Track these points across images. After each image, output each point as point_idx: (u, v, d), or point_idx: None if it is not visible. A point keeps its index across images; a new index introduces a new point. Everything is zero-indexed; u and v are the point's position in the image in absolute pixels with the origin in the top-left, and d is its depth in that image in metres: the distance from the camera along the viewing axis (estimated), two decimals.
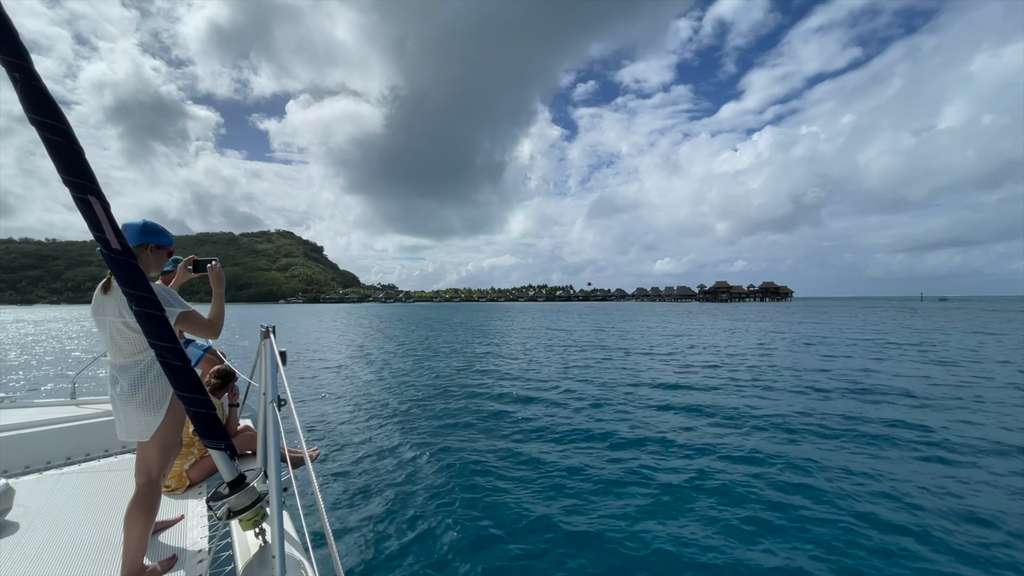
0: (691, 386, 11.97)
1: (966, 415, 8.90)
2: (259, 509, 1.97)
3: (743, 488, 5.62)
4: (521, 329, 36.01)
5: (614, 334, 29.46)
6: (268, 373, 2.15)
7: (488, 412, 9.53)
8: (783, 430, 7.97)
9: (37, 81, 1.42)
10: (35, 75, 1.41)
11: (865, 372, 13.90)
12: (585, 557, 4.31)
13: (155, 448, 2.13)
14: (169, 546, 2.45)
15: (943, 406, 9.61)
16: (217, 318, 2.33)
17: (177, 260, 2.98)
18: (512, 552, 4.40)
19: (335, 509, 5.17)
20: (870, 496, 5.42)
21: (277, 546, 1.75)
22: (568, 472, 6.22)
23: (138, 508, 2.08)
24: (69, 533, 2.51)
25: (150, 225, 2.30)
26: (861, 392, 11.04)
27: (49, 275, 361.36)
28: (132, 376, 2.08)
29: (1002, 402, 9.93)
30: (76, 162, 1.50)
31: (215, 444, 1.89)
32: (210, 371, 3.69)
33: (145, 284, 1.72)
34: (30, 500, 2.84)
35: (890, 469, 6.22)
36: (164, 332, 1.76)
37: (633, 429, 8.14)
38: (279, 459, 1.95)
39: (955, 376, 13.15)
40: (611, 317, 39.45)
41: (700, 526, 4.79)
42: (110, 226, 1.59)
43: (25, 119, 1.43)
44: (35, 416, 3.79)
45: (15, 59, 1.36)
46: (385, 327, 39.69)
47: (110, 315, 2.07)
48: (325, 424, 8.77)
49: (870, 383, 12.09)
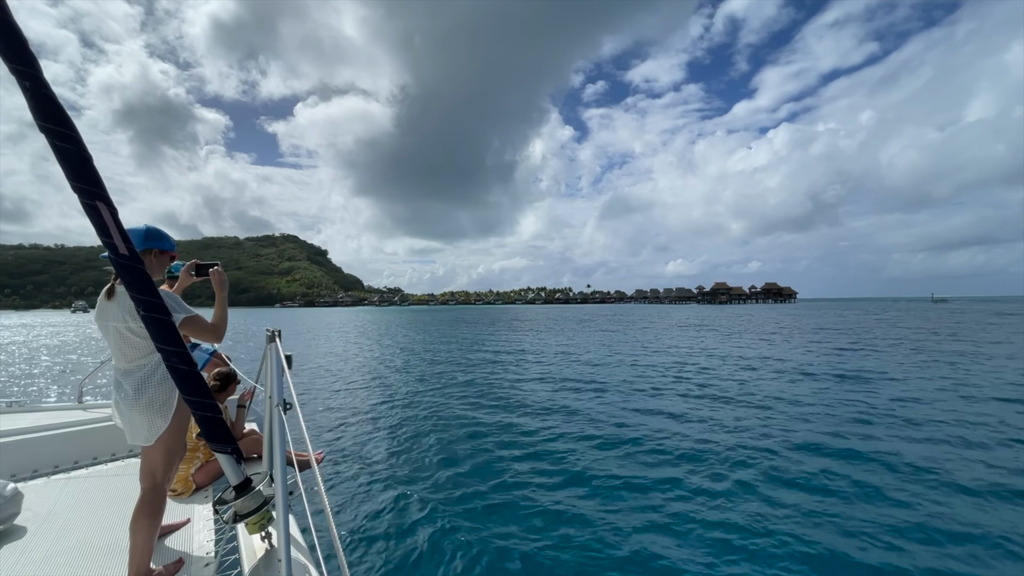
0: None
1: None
2: (265, 513, 1.97)
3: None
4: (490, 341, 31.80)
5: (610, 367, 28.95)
6: (274, 377, 2.16)
7: (499, 421, 9.51)
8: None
9: (46, 89, 1.43)
10: (44, 83, 1.43)
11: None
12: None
13: (160, 452, 2.14)
14: (175, 550, 2.46)
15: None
16: (220, 322, 2.34)
17: (179, 265, 3.00)
18: (522, 561, 4.32)
19: (341, 513, 5.17)
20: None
21: (283, 550, 1.75)
22: (588, 487, 5.89)
23: (143, 512, 2.09)
24: (76, 537, 2.52)
25: (153, 230, 2.31)
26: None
27: (54, 280, 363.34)
28: (136, 380, 2.10)
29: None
30: (84, 168, 1.51)
31: (221, 448, 1.89)
32: (211, 373, 3.71)
33: (152, 289, 1.73)
34: (38, 504, 2.86)
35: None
36: (171, 336, 1.76)
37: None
38: (285, 463, 1.96)
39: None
40: (604, 329, 38.89)
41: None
42: (118, 232, 1.60)
43: (36, 125, 1.45)
44: (43, 420, 3.81)
45: (25, 67, 1.37)
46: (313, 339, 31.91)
47: (114, 320, 2.08)
48: (331, 427, 8.78)
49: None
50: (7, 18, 1.33)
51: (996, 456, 6.67)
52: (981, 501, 5.28)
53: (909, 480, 5.88)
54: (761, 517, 4.97)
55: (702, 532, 4.71)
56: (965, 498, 5.36)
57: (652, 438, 7.64)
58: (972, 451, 6.90)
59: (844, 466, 6.36)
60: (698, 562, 4.23)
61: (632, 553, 4.38)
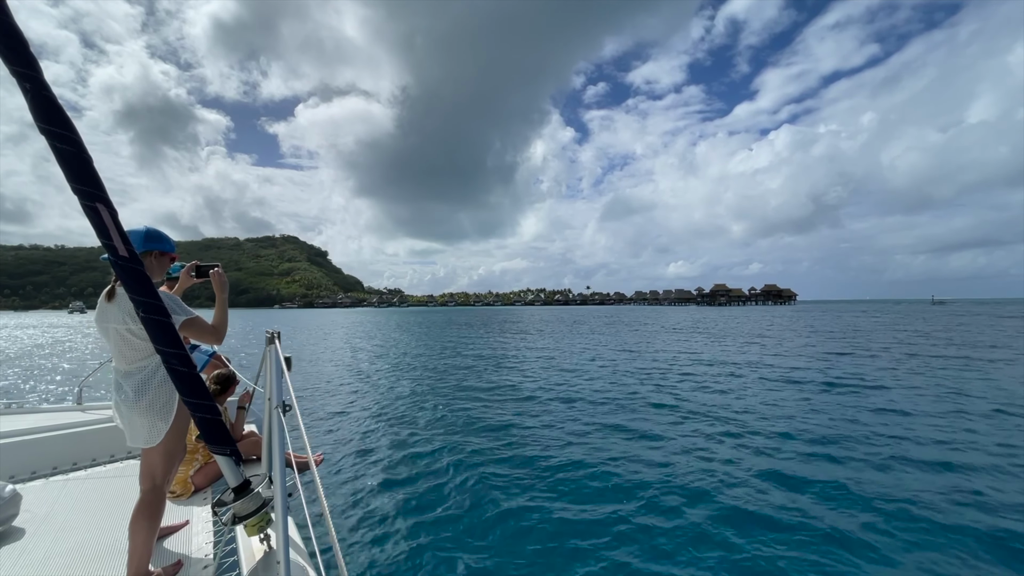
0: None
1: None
2: (264, 515, 1.97)
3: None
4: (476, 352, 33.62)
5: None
6: (273, 378, 2.16)
7: (498, 420, 9.50)
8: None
9: (47, 91, 1.44)
10: (45, 84, 1.43)
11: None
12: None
13: (159, 454, 2.14)
14: (174, 552, 2.45)
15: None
16: (220, 324, 2.35)
17: (180, 266, 3.00)
18: (523, 565, 4.28)
19: (340, 514, 5.15)
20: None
21: (282, 552, 1.74)
22: (595, 490, 5.76)
23: (142, 514, 2.09)
24: (75, 539, 2.52)
25: (152, 232, 2.32)
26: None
27: (54, 281, 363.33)
28: (136, 382, 2.10)
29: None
30: (85, 170, 1.51)
31: (220, 450, 1.89)
32: (211, 375, 3.70)
33: (152, 291, 1.73)
34: (37, 506, 2.85)
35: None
36: (171, 338, 1.76)
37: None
38: (284, 464, 1.95)
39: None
40: (613, 335, 38.71)
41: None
42: (118, 233, 1.60)
43: (37, 127, 1.45)
44: (42, 422, 3.80)
45: (26, 69, 1.38)
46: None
47: (114, 322, 2.09)
48: (330, 429, 8.76)
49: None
50: (7, 19, 1.33)
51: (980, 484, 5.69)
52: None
53: (887, 521, 4.84)
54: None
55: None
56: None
57: (600, 460, 6.74)
58: (959, 479, 5.88)
59: (814, 506, 5.20)
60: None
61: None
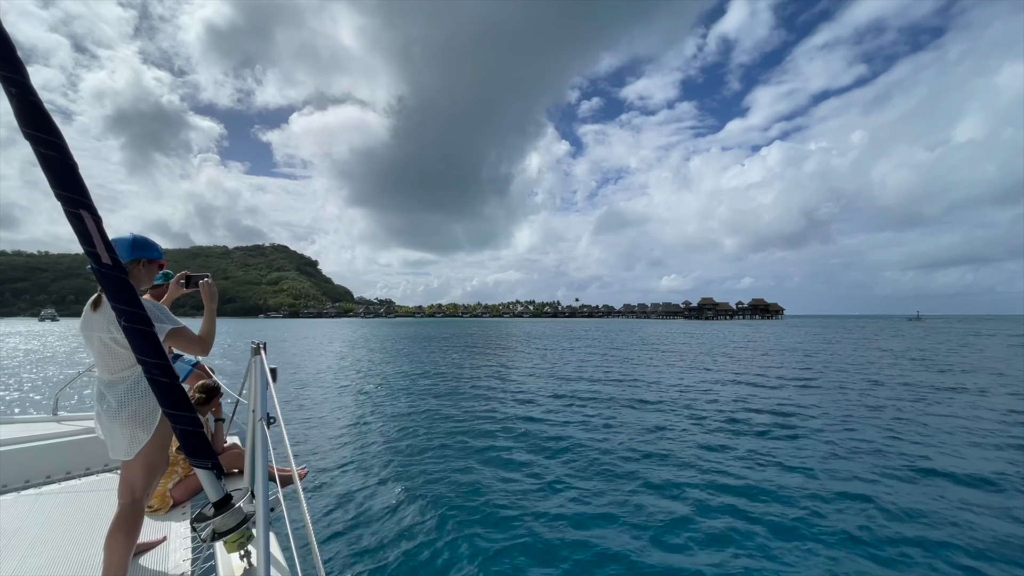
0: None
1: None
2: (245, 531, 1.91)
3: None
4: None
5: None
6: (258, 390, 2.12)
7: (480, 432, 9.42)
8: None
9: (33, 95, 1.42)
10: (31, 89, 1.42)
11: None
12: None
13: (140, 466, 2.08)
14: (150, 569, 2.37)
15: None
16: (208, 335, 2.31)
17: (168, 274, 2.95)
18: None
19: (324, 531, 5.03)
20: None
21: (263, 569, 1.69)
22: (573, 503, 5.79)
23: (120, 529, 2.02)
24: (46, 555, 2.42)
25: (140, 239, 2.28)
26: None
27: (35, 287, 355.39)
28: (119, 392, 2.05)
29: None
30: (69, 176, 1.49)
31: (201, 463, 1.84)
32: (195, 385, 3.63)
33: (135, 299, 1.70)
34: (6, 521, 2.75)
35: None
36: (152, 348, 1.73)
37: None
38: (267, 478, 1.91)
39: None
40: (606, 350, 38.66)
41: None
42: (101, 241, 1.57)
43: (21, 132, 1.43)
44: (14, 433, 3.67)
45: (12, 73, 1.36)
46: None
47: (99, 331, 2.05)
48: (313, 443, 8.60)
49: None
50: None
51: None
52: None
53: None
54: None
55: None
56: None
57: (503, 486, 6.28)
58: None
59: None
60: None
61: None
